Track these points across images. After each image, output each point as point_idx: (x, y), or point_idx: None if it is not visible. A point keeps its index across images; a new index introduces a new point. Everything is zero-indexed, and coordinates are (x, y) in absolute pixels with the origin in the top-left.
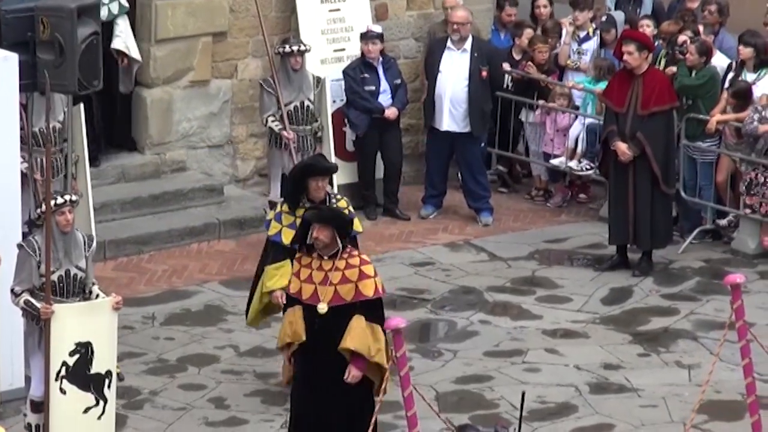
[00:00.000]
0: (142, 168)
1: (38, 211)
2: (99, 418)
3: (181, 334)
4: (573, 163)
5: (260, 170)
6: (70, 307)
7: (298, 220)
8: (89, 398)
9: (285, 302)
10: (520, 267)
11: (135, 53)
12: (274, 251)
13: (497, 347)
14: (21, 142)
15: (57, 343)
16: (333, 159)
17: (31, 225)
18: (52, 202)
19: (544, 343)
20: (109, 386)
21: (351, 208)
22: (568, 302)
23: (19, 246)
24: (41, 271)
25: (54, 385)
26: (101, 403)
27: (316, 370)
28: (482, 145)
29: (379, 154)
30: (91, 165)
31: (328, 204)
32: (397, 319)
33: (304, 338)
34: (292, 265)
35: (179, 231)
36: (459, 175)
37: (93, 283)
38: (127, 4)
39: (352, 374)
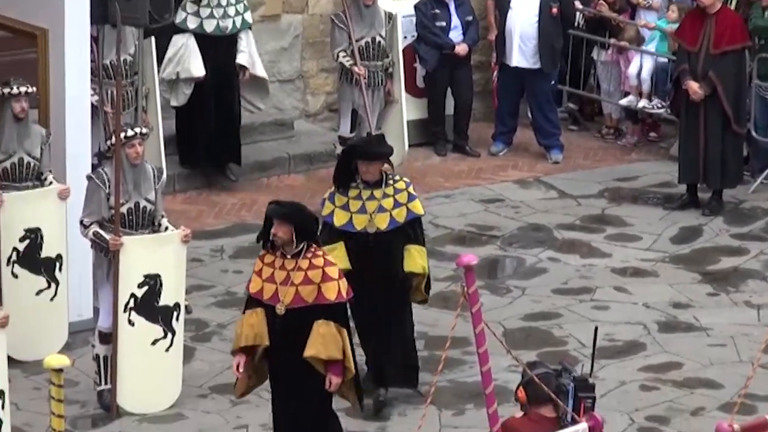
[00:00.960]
0: None
1: (108, 143)
2: (167, 350)
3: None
4: (644, 102)
5: (330, 105)
6: (139, 240)
7: (351, 202)
8: (157, 330)
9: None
10: (590, 205)
11: (260, 70)
12: (325, 232)
13: (566, 285)
14: (92, 74)
15: (126, 275)
16: (403, 95)
17: (101, 157)
18: (122, 135)
19: (613, 281)
20: (177, 318)
21: (411, 189)
22: (638, 240)
23: (89, 178)
24: (110, 203)
25: (122, 317)
26: (169, 335)
27: (278, 372)
28: (552, 82)
29: (449, 91)
30: None
31: (385, 185)
32: (469, 256)
33: (267, 342)
34: (262, 261)
35: (249, 165)
36: (529, 112)
37: (162, 216)
38: (250, 20)
39: (333, 382)
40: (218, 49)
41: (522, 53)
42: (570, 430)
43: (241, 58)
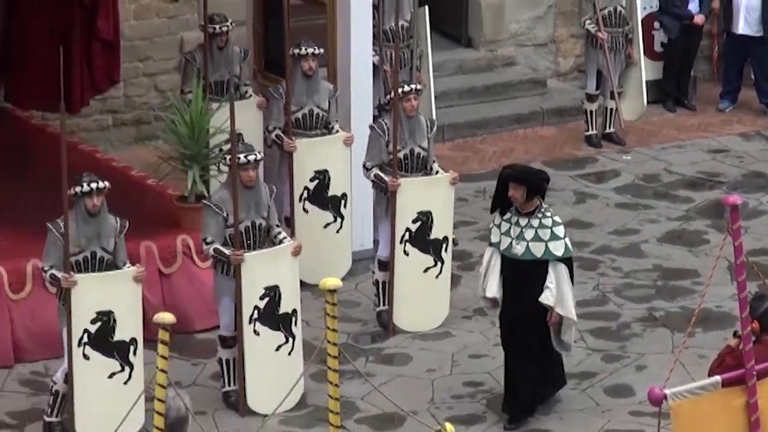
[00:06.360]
0: (477, 62)
1: (387, 97)
2: (437, 276)
3: None
4: None
5: (579, 66)
6: (413, 181)
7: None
8: (429, 260)
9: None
10: None
11: (568, 310)
12: None
13: None
14: (373, 38)
15: (402, 211)
16: (642, 58)
17: (380, 109)
18: (399, 90)
19: None
20: (446, 250)
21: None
22: None
23: (371, 127)
24: (389, 149)
25: (399, 248)
26: (439, 264)
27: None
28: None
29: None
30: None
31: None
32: (734, 197)
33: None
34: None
35: (508, 117)
36: (752, 74)
37: (434, 161)
38: (560, 252)
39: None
40: (519, 274)
41: (747, 22)
42: None
43: (543, 296)
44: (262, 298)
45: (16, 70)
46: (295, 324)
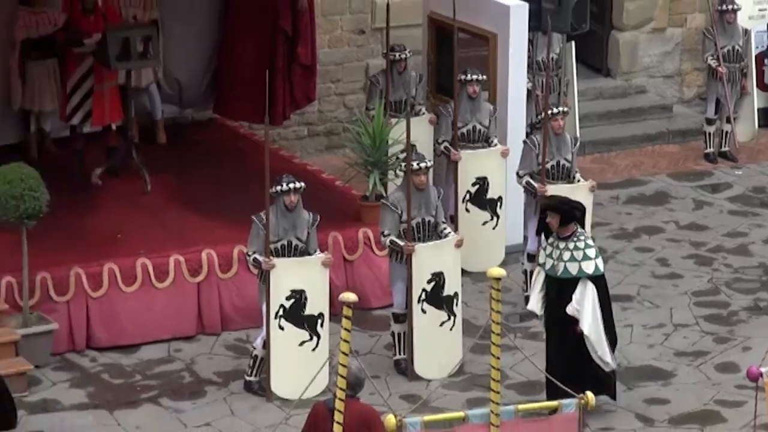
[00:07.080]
0: (614, 90)
1: (538, 117)
2: None
3: (637, 211)
4: None
5: (700, 95)
6: (559, 188)
7: (548, 245)
8: None
9: None
10: None
11: (586, 326)
12: None
13: None
14: (528, 67)
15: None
16: (755, 89)
17: (531, 127)
18: (549, 112)
19: None
20: None
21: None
22: None
23: (524, 142)
24: (538, 160)
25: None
26: None
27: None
28: None
29: None
30: None
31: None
32: None
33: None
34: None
35: (639, 136)
36: None
37: (576, 171)
38: (590, 270)
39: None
40: (558, 291)
41: None
42: None
43: (569, 307)
44: (429, 282)
45: (224, 87)
46: (457, 304)
